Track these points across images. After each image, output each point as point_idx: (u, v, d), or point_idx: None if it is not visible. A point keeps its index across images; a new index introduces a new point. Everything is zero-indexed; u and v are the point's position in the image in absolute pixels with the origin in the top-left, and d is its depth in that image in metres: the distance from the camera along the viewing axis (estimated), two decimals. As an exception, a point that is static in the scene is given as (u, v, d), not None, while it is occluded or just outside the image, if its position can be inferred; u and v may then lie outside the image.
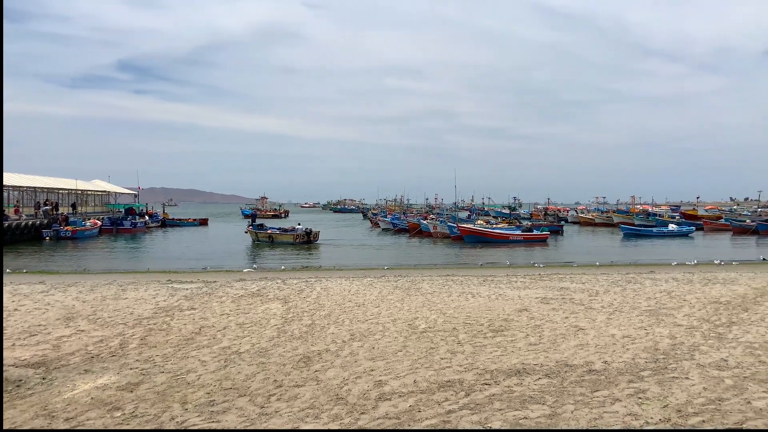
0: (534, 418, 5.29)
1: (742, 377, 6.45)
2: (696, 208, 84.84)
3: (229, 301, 12.47)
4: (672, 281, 15.63)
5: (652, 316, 10.34)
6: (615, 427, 5.02)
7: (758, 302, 11.69)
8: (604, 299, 12.36)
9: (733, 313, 10.53)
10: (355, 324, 9.93)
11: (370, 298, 12.82)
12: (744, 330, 9.01)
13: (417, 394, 6.11)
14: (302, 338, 8.90)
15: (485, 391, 6.14)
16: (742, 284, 14.70)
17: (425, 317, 10.47)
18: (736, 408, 5.42)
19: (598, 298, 12.59)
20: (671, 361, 7.25)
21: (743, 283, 14.85)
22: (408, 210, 76.97)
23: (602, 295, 13.03)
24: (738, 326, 9.31)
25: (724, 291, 13.41)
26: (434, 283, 15.43)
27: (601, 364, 7.15)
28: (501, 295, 13.05)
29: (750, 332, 8.84)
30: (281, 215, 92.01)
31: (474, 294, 13.29)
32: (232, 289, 14.36)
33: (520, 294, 13.26)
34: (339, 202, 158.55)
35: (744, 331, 8.96)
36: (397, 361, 7.49)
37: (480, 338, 8.77)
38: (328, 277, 17.41)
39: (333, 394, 6.20)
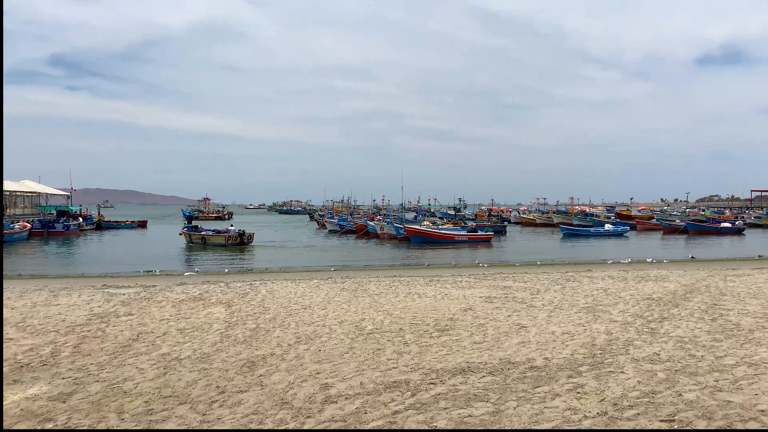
0: (478, 416, 5.37)
1: (674, 370, 6.77)
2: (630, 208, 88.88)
3: (169, 306, 12.07)
4: (608, 279, 16.27)
5: (590, 312, 10.72)
6: (555, 421, 5.16)
7: (687, 298, 12.32)
8: (545, 297, 12.72)
9: (665, 309, 11.05)
10: (301, 327, 9.81)
11: (316, 300, 12.70)
12: (675, 325, 9.47)
13: (363, 395, 6.09)
14: (246, 343, 8.72)
15: (431, 391, 6.18)
16: (672, 281, 15.46)
17: (372, 318, 10.46)
18: (669, 400, 5.68)
19: (539, 296, 12.95)
20: (608, 356, 7.53)
21: (673, 280, 15.64)
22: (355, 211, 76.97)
23: (543, 293, 13.41)
24: (669, 321, 9.78)
25: (656, 288, 14.07)
26: (381, 284, 15.46)
27: (542, 361, 7.34)
28: (447, 295, 13.21)
29: (680, 327, 9.29)
30: (225, 217, 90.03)
31: (420, 294, 13.40)
32: (172, 293, 13.90)
33: (465, 293, 13.47)
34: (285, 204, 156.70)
35: (675, 326, 9.42)
36: (344, 363, 7.45)
37: (426, 338, 8.84)
38: (274, 280, 17.14)
39: (278, 398, 6.10)
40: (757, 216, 74.44)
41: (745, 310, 10.64)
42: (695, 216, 65.98)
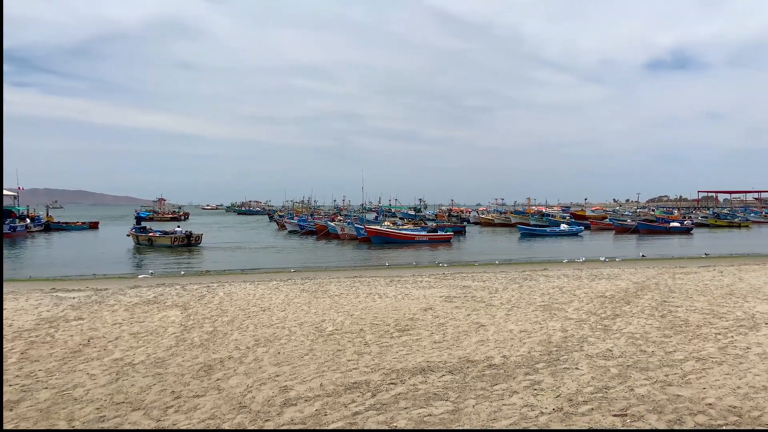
0: (438, 415, 5.41)
1: (626, 366, 6.98)
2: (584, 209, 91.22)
3: (122, 309, 11.71)
4: (563, 277, 16.67)
5: (546, 311, 10.95)
6: (512, 418, 5.24)
7: (638, 296, 12.73)
8: (503, 296, 12.93)
9: (617, 306, 11.39)
10: (260, 329, 9.67)
11: (276, 302, 12.55)
12: (626, 322, 9.77)
13: (323, 397, 6.05)
14: (203, 346, 8.53)
15: (391, 391, 6.19)
16: (624, 279, 15.96)
17: (332, 319, 10.41)
18: (621, 395, 5.86)
19: (497, 295, 13.15)
20: (563, 353, 7.71)
21: (625, 278, 16.14)
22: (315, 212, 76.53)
23: (501, 292, 13.63)
24: (621, 318, 10.08)
25: (609, 286, 14.49)
26: (342, 285, 15.41)
27: (500, 359, 7.45)
28: (407, 295, 13.27)
29: (632, 324, 9.60)
30: (181, 218, 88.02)
31: (381, 294, 13.41)
32: (125, 296, 13.50)
33: (426, 293, 13.55)
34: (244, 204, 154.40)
35: (626, 322, 9.71)
36: (304, 365, 7.38)
37: (386, 338, 8.85)
38: (232, 282, 16.85)
39: (236, 402, 5.99)
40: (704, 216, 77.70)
41: (693, 307, 11.07)
42: (645, 216, 68.29)
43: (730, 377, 6.36)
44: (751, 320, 9.63)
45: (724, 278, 15.82)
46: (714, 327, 9.14)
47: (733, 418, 5.11)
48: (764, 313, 10.22)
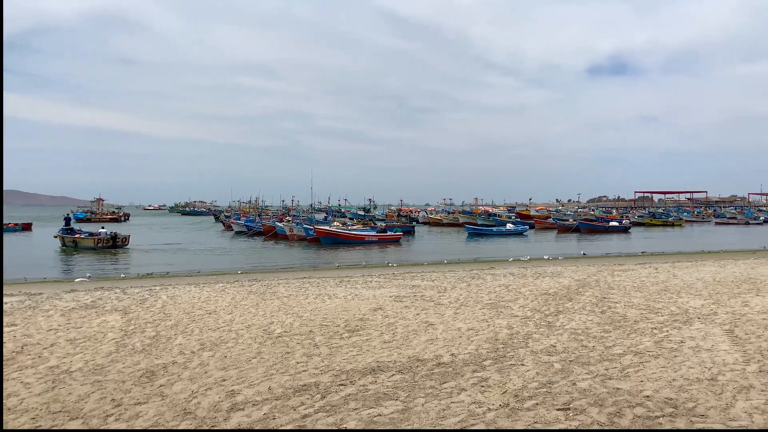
0: (387, 415, 5.42)
1: (568, 361, 7.20)
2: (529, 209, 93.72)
3: (58, 314, 11.17)
4: (509, 276, 17.06)
5: (493, 308, 11.17)
6: (460, 415, 5.32)
7: (580, 293, 13.18)
8: (452, 295, 13.10)
9: (560, 303, 11.75)
10: (205, 333, 9.43)
11: (222, 304, 12.27)
12: (569, 318, 10.09)
13: (272, 401, 5.95)
14: (145, 351, 8.24)
15: (341, 392, 6.16)
16: (566, 277, 16.48)
17: (281, 321, 10.27)
18: (564, 390, 6.03)
19: (446, 294, 13.31)
20: (509, 349, 7.88)
21: (567, 276, 16.67)
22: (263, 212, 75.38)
23: (450, 291, 13.81)
24: (564, 315, 10.40)
25: (553, 283, 14.93)
26: (291, 286, 15.23)
27: (448, 357, 7.54)
28: (357, 296, 13.25)
29: (574, 320, 9.91)
30: (121, 219, 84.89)
31: (331, 295, 13.34)
32: (61, 301, 12.88)
33: (375, 293, 13.58)
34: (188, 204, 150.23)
35: (569, 318, 10.03)
36: (251, 368, 7.24)
37: (336, 339, 8.80)
38: (176, 285, 16.37)
39: (180, 408, 5.81)
40: (640, 215, 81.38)
41: (630, 303, 11.54)
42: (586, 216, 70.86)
43: (665, 370, 6.66)
44: (685, 315, 10.13)
45: (659, 275, 16.59)
46: (650, 322, 9.56)
47: (669, 409, 5.35)
48: (696, 308, 10.78)
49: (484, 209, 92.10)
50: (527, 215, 75.35)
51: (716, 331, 8.68)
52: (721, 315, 10.01)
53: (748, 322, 9.36)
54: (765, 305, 10.90)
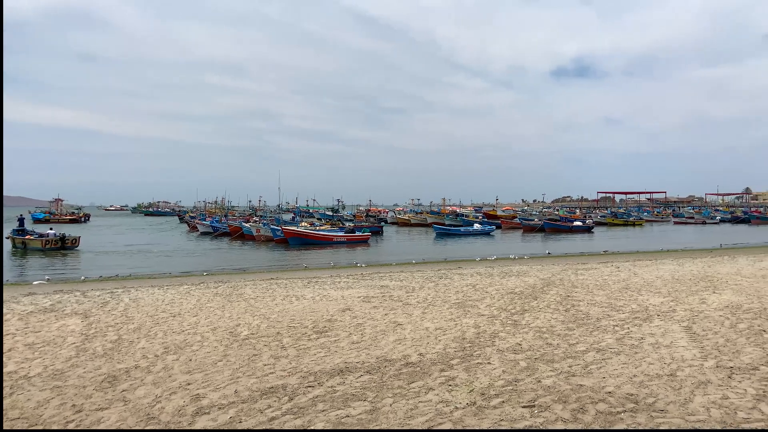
0: (356, 416, 5.41)
1: (534, 359, 7.32)
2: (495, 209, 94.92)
3: (15, 319, 10.80)
4: (476, 275, 17.24)
5: (460, 308, 11.28)
6: (428, 415, 5.35)
7: (545, 291, 13.41)
8: (420, 295, 13.17)
9: (526, 301, 11.93)
10: (169, 336, 9.25)
11: (186, 307, 12.06)
12: (534, 316, 10.26)
13: (238, 404, 5.87)
14: (107, 356, 8.04)
15: (309, 394, 6.12)
16: (532, 276, 16.76)
17: (248, 323, 10.15)
18: (530, 387, 6.13)
19: (414, 293, 13.38)
20: (476, 348, 7.96)
21: (533, 275, 16.95)
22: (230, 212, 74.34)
23: (418, 291, 13.88)
24: (529, 313, 10.57)
25: (518, 282, 15.16)
26: (257, 288, 15.07)
27: (416, 357, 7.58)
28: (325, 296, 13.19)
29: (539, 318, 10.09)
30: (81, 219, 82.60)
31: (298, 296, 13.25)
32: (18, 305, 12.46)
33: (344, 294, 13.54)
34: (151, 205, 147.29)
35: (534, 317, 10.20)
36: (217, 371, 7.14)
37: (304, 341, 8.75)
38: (139, 287, 16.01)
39: (143, 413, 5.69)
40: (603, 215, 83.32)
41: (593, 301, 11.81)
42: (550, 216, 72.16)
43: (627, 366, 6.84)
44: (645, 312, 10.41)
45: (621, 273, 17.02)
46: (612, 319, 9.79)
47: (630, 405, 5.49)
48: (656, 306, 11.09)
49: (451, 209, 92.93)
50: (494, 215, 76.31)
51: (675, 328, 8.96)
52: (680, 312, 10.33)
53: (706, 318, 9.68)
54: (721, 302, 11.30)
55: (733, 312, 10.19)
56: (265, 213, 67.86)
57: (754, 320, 9.40)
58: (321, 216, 68.53)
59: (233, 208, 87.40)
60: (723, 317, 9.73)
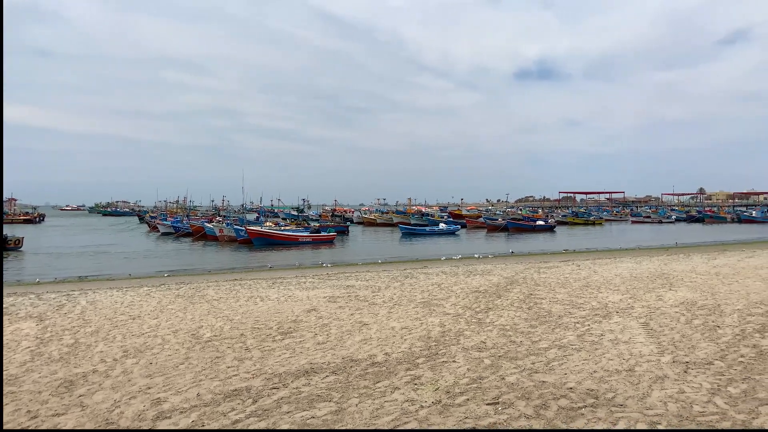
0: (321, 417, 5.37)
1: (497, 356, 7.42)
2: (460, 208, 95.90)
3: (-36, 323, 10.34)
4: (442, 274, 17.37)
5: (426, 307, 11.34)
6: (394, 414, 5.36)
7: (508, 290, 13.60)
8: (386, 294, 13.19)
9: (490, 300, 12.08)
10: (129, 339, 9.01)
11: (147, 309, 11.78)
12: (498, 314, 10.39)
13: (200, 407, 5.76)
14: (63, 360, 7.78)
15: (273, 396, 6.05)
16: (496, 274, 16.98)
17: (210, 325, 9.97)
18: (493, 384, 6.21)
19: (380, 293, 13.38)
20: (441, 347, 8.02)
21: (497, 274, 17.18)
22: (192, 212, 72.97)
23: (384, 290, 13.89)
24: (493, 311, 10.71)
25: (483, 281, 15.33)
26: (221, 289, 14.83)
27: (382, 356, 7.58)
28: (290, 297, 13.07)
29: (503, 316, 10.23)
30: (35, 220, 79.85)
31: (263, 297, 13.09)
32: (-32, 309, 11.93)
33: (309, 294, 13.45)
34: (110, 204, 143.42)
35: (498, 315, 10.33)
36: (179, 375, 6.99)
37: (269, 342, 8.65)
38: (96, 289, 15.57)
39: (102, 419, 5.52)
40: (564, 214, 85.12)
41: (555, 299, 12.03)
42: (513, 215, 73.33)
43: (587, 362, 6.99)
44: (605, 309, 10.67)
45: (582, 271, 17.41)
46: (573, 317, 10.01)
47: (590, 400, 5.61)
48: (615, 303, 11.38)
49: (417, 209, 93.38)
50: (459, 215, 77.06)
51: (633, 324, 9.21)
52: (638, 309, 10.62)
53: (662, 315, 9.99)
54: (677, 299, 11.67)
55: (689, 308, 10.54)
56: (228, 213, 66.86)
57: (709, 316, 9.75)
58: (286, 216, 67.94)
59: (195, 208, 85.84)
60: (679, 314, 10.05)
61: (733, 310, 10.23)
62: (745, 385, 5.96)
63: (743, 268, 17.69)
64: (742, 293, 12.24)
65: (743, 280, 14.57)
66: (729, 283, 13.88)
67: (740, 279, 14.73)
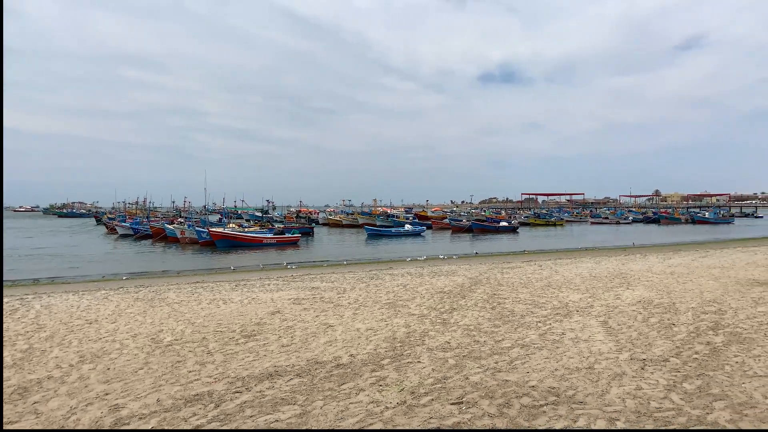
0: (285, 420, 5.32)
1: (462, 356, 7.48)
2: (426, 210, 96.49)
3: None
4: (407, 275, 17.44)
5: (391, 308, 11.36)
6: (359, 416, 5.34)
7: (473, 290, 13.75)
8: (351, 296, 13.15)
9: (454, 300, 12.19)
10: (85, 344, 8.73)
11: (104, 313, 11.44)
12: (462, 315, 10.49)
13: (161, 413, 5.63)
14: (16, 366, 7.48)
15: (236, 400, 5.96)
16: (460, 275, 17.14)
17: (171, 329, 9.76)
18: (458, 384, 6.26)
19: (345, 295, 13.34)
20: (407, 347, 8.04)
21: (461, 274, 17.34)
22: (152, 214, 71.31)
23: (349, 291, 13.86)
24: (458, 312, 10.80)
25: (447, 282, 15.46)
26: (182, 292, 14.53)
27: (347, 358, 7.55)
28: (254, 299, 12.90)
29: (467, 316, 10.32)
30: None
31: (226, 300, 12.89)
32: None
33: (273, 296, 13.30)
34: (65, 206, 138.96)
35: (462, 315, 10.43)
36: (138, 380, 6.81)
37: (232, 345, 8.51)
38: (51, 293, 15.04)
39: (57, 426, 5.33)
40: (526, 216, 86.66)
41: (518, 298, 12.22)
42: (478, 216, 74.23)
43: (549, 361, 7.12)
44: (565, 308, 10.89)
45: (543, 271, 17.74)
46: (535, 316, 10.18)
47: (552, 398, 5.72)
48: (575, 302, 11.63)
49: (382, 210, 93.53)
50: (425, 216, 77.52)
51: (593, 323, 9.43)
52: (597, 307, 10.88)
53: (620, 313, 10.25)
54: (634, 297, 12.01)
55: (645, 307, 10.85)
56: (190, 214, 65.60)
57: (664, 314, 10.06)
58: (250, 217, 67.06)
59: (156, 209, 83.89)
60: (636, 312, 10.34)
61: (687, 309, 10.58)
62: (700, 381, 6.17)
63: (697, 267, 18.34)
64: (696, 292, 12.68)
65: (697, 279, 15.09)
66: (683, 282, 14.36)
67: (694, 278, 15.26)
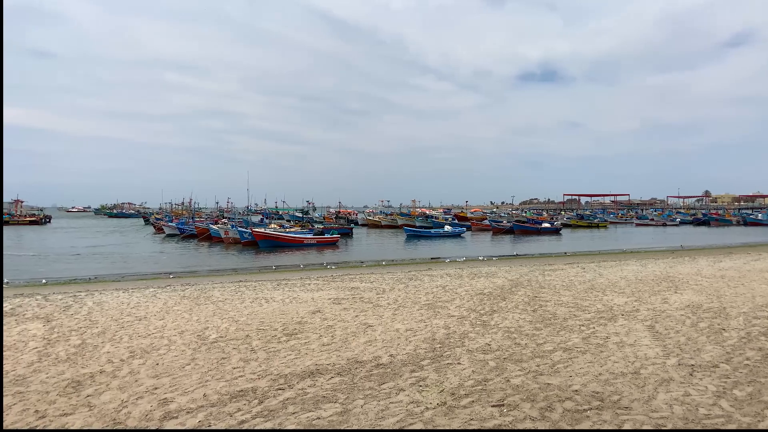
0: (326, 417, 5.40)
1: (502, 358, 7.43)
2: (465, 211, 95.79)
3: (-28, 324, 10.41)
4: (446, 277, 17.38)
5: (430, 309, 11.35)
6: (399, 415, 5.38)
7: (513, 292, 13.61)
8: (390, 296, 13.21)
9: (494, 302, 12.09)
10: (135, 340, 9.06)
11: (153, 310, 11.83)
12: (503, 317, 10.40)
13: (207, 408, 5.80)
14: (70, 360, 7.83)
15: (279, 397, 6.09)
16: (500, 277, 16.98)
17: (216, 326, 10.02)
18: (498, 386, 6.22)
19: (384, 295, 13.40)
20: (446, 349, 8.04)
21: (501, 276, 17.17)
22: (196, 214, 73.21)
23: (388, 292, 13.91)
24: (498, 314, 10.72)
25: (487, 283, 15.34)
26: (226, 290, 14.88)
27: (387, 358, 7.60)
28: (295, 299, 13.11)
29: (507, 318, 10.23)
30: (41, 221, 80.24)
31: (268, 299, 13.14)
32: (-25, 309, 12.01)
33: (314, 296, 13.49)
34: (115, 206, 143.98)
35: (503, 317, 10.34)
36: (185, 375, 7.03)
37: (274, 343, 8.68)
38: (102, 290, 15.65)
39: (109, 419, 5.57)
40: (569, 217, 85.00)
41: (560, 301, 12.03)
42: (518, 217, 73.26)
43: (592, 365, 7.00)
44: (610, 312, 10.66)
45: (586, 274, 17.38)
46: (578, 319, 10.00)
47: (596, 402, 5.62)
48: (620, 305, 11.37)
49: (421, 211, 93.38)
50: (464, 217, 76.99)
51: (638, 327, 9.20)
52: (643, 311, 10.61)
53: (668, 318, 9.97)
54: (682, 302, 11.65)
55: (694, 311, 10.52)
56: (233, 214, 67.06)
57: (714, 319, 9.73)
58: (291, 218, 68.05)
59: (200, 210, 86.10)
60: (684, 316, 10.03)
61: (738, 313, 10.20)
62: (751, 388, 5.96)
63: (749, 271, 17.63)
64: (747, 296, 12.20)
65: (749, 283, 14.52)
66: (735, 286, 13.84)
67: (746, 282, 14.68)
